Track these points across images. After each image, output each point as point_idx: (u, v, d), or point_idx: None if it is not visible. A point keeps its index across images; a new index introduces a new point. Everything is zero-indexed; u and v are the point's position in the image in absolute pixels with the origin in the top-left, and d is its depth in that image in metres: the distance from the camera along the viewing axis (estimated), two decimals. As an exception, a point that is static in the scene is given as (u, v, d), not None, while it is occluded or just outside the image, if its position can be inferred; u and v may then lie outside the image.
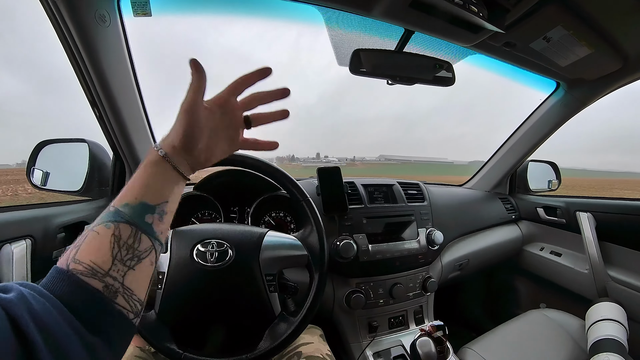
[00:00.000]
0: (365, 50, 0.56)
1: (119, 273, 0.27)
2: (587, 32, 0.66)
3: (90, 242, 0.28)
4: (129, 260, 0.28)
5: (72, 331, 0.23)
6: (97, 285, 0.26)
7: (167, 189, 0.33)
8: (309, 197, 0.53)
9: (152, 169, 0.32)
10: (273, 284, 0.50)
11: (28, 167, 0.71)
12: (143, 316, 0.47)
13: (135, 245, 0.29)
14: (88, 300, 0.25)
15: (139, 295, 0.29)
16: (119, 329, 0.27)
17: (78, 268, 0.26)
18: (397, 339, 0.80)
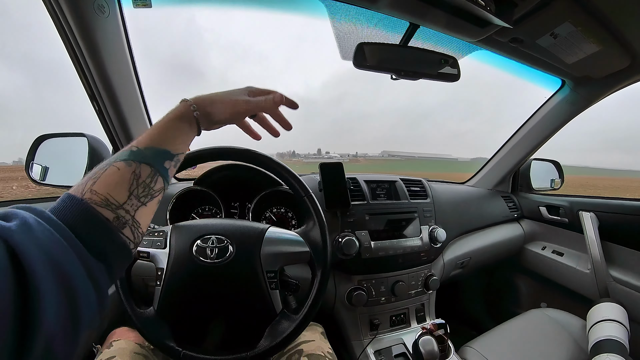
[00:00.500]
0: (369, 44, 0.55)
1: (132, 207, 0.30)
2: (595, 28, 0.65)
3: (109, 175, 0.29)
4: (144, 197, 0.31)
5: (77, 256, 0.24)
6: (109, 215, 0.28)
7: (187, 142, 0.37)
8: (311, 193, 0.52)
9: (182, 123, 0.36)
10: (274, 281, 0.49)
11: (27, 161, 0.71)
12: (142, 313, 0.46)
13: (151, 185, 0.32)
14: (97, 228, 0.27)
15: (143, 228, 0.32)
16: (120, 257, 0.29)
17: (93, 198, 0.28)
18: (398, 337, 0.79)
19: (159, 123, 0.35)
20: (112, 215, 0.28)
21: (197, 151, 0.52)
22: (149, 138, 0.33)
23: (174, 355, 0.45)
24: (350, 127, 41.69)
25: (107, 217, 0.28)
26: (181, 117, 0.36)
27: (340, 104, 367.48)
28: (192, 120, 0.37)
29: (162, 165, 0.33)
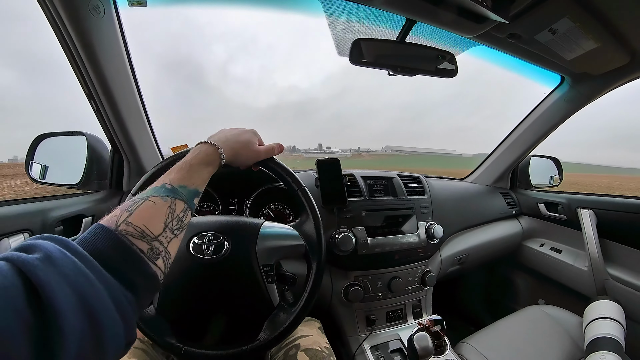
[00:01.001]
0: (365, 40, 0.55)
1: (166, 239, 0.32)
2: (594, 25, 0.65)
3: (145, 209, 0.31)
4: (177, 229, 0.33)
5: (105, 290, 0.24)
6: (144, 247, 0.29)
7: (207, 181, 0.41)
8: (304, 186, 0.52)
9: (209, 167, 0.41)
10: (271, 275, 0.50)
11: (27, 160, 0.71)
12: (142, 311, 0.47)
13: (183, 219, 0.35)
14: (130, 259, 0.28)
15: (173, 258, 0.34)
16: (150, 287, 0.29)
17: (129, 229, 0.29)
18: (394, 332, 0.80)
19: (190, 163, 0.39)
20: (146, 246, 0.29)
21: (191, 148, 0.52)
22: (181, 177, 0.37)
23: (176, 352, 0.46)
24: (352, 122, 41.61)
25: (142, 249, 0.29)
26: (209, 163, 0.41)
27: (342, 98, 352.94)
28: (218, 165, 0.43)
29: (192, 202, 0.37)
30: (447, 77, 0.62)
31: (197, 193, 0.38)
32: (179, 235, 0.34)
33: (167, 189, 0.35)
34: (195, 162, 0.40)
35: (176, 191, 0.35)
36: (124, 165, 0.82)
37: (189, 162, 0.39)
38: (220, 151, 0.42)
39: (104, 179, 0.81)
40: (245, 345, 0.46)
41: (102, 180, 0.81)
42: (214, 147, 0.42)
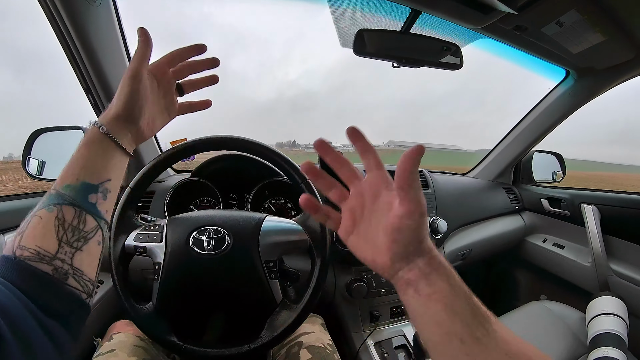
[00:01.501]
0: (369, 31, 0.54)
1: (66, 255, 0.28)
2: (602, 18, 0.64)
3: (34, 227, 0.28)
4: (76, 241, 0.28)
5: (31, 316, 0.23)
6: (47, 269, 0.26)
7: (109, 166, 0.33)
8: (308, 180, 0.51)
9: (93, 147, 0.32)
10: (273, 271, 0.49)
11: (23, 156, 0.70)
12: (141, 309, 0.46)
13: (80, 226, 0.29)
14: (40, 285, 0.26)
15: (89, 275, 0.29)
16: (73, 310, 0.27)
17: (24, 254, 0.26)
18: (398, 328, 0.79)
19: (75, 153, 0.32)
20: (49, 267, 0.26)
21: (192, 142, 0.51)
22: (66, 174, 0.30)
23: (176, 350, 0.45)
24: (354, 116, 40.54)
25: (46, 271, 0.26)
26: (87, 142, 0.32)
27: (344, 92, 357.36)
28: (104, 139, 0.32)
29: (86, 202, 0.30)
30: (453, 69, 0.61)
31: (87, 188, 0.30)
32: (83, 247, 0.29)
33: (52, 196, 0.29)
34: (75, 151, 0.32)
35: (60, 195, 0.29)
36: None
37: (71, 155, 0.32)
38: (97, 124, 0.33)
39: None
40: (247, 343, 0.46)
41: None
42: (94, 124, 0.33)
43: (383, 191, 0.28)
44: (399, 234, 0.26)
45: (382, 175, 0.29)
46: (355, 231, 0.30)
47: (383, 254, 0.27)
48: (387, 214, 0.27)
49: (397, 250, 0.26)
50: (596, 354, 0.68)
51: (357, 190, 0.30)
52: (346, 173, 0.30)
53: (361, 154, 0.29)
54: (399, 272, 0.27)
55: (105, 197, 0.32)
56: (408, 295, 0.26)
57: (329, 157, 0.30)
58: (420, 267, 0.26)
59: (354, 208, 0.30)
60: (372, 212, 0.28)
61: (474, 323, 0.24)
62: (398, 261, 0.27)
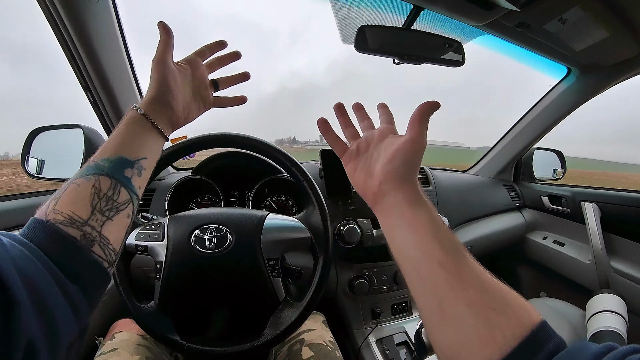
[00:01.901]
0: (371, 27, 0.53)
1: (97, 222, 0.28)
2: (606, 14, 0.63)
3: (70, 193, 0.29)
4: (108, 210, 0.30)
5: (52, 278, 0.24)
6: (75, 234, 0.27)
7: (145, 145, 0.35)
8: (310, 177, 0.51)
9: (131, 127, 0.34)
10: (276, 269, 0.48)
11: (22, 155, 0.70)
12: (143, 308, 0.46)
13: (114, 197, 0.30)
14: (66, 248, 0.26)
15: (114, 245, 0.30)
16: (95, 277, 0.28)
17: (57, 218, 0.27)
18: (400, 325, 0.80)
19: (115, 130, 0.34)
20: (78, 233, 0.27)
21: (192, 139, 0.50)
22: (105, 148, 0.32)
23: (178, 349, 0.45)
24: None
25: (74, 236, 0.27)
26: (128, 121, 0.34)
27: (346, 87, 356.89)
28: (140, 119, 0.35)
29: (122, 175, 0.31)
30: (454, 66, 0.60)
31: (124, 162, 0.32)
32: (114, 217, 0.30)
33: (90, 167, 0.30)
34: (117, 128, 0.34)
35: (99, 167, 0.30)
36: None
37: (113, 132, 0.34)
38: (134, 106, 0.35)
39: (102, 171, 0.80)
40: (250, 342, 0.45)
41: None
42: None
43: (390, 134, 0.34)
44: (397, 153, 0.30)
45: (391, 128, 0.35)
46: (356, 160, 0.35)
47: (374, 178, 0.31)
48: (391, 146, 0.31)
49: (388, 170, 0.30)
50: (596, 351, 0.68)
51: (369, 133, 0.36)
52: (366, 124, 0.37)
53: (382, 115, 0.37)
54: (385, 196, 0.30)
55: (140, 174, 0.33)
56: (392, 218, 0.29)
57: (359, 112, 0.38)
58: (406, 193, 0.29)
59: (361, 143, 0.35)
60: (376, 148, 0.33)
61: (453, 252, 0.25)
62: (387, 183, 0.30)
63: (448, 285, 0.24)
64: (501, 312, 0.22)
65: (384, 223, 0.31)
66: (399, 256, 0.29)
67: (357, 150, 0.35)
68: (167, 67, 0.37)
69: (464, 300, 0.23)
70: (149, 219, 0.53)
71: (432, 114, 0.31)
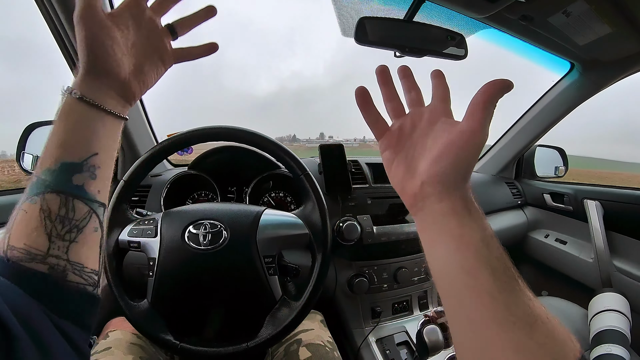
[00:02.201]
0: (371, 19, 0.52)
1: (60, 250, 0.24)
2: (610, 8, 0.62)
3: (20, 223, 0.24)
4: (68, 233, 0.25)
5: (46, 316, 0.22)
6: (42, 268, 0.24)
7: (94, 138, 0.27)
8: (309, 171, 0.50)
9: (69, 119, 0.26)
10: (272, 266, 0.47)
11: (18, 151, 0.69)
12: (136, 306, 0.44)
13: (69, 215, 0.25)
14: (39, 286, 0.23)
15: (90, 267, 0.26)
16: (82, 305, 0.26)
17: (15, 254, 0.23)
18: (400, 325, 0.78)
19: (51, 129, 0.27)
20: (44, 267, 0.24)
21: (186, 133, 0.49)
22: (44, 157, 0.25)
23: (172, 349, 0.44)
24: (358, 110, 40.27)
25: (42, 271, 0.24)
26: (63, 112, 0.26)
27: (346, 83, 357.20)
28: (79, 105, 0.26)
29: (71, 185, 0.25)
30: (457, 60, 0.59)
31: (69, 167, 0.25)
32: (77, 238, 0.25)
33: (33, 184, 0.25)
34: (54, 123, 0.27)
35: (40, 183, 0.25)
36: (118, 154, 0.79)
37: None
38: (67, 89, 0.27)
39: (98, 167, 0.79)
40: (245, 342, 0.44)
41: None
42: None
43: (442, 118, 0.27)
44: (450, 149, 0.23)
45: (445, 106, 0.28)
46: (397, 147, 0.28)
47: (416, 177, 0.25)
48: (442, 136, 0.25)
49: (435, 170, 0.24)
50: (599, 351, 0.67)
51: (416, 113, 0.29)
52: (413, 97, 0.30)
53: (435, 87, 0.29)
54: (427, 201, 0.24)
55: (94, 176, 0.26)
56: (434, 231, 0.24)
57: (406, 79, 0.30)
58: (455, 202, 0.23)
59: (405, 125, 0.28)
60: (423, 135, 0.27)
61: (507, 282, 0.21)
62: (432, 186, 0.24)
63: (496, 324, 0.19)
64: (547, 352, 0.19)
65: (424, 236, 0.25)
66: (438, 278, 0.24)
67: (400, 133, 0.28)
68: (97, 20, 0.26)
69: (511, 344, 0.19)
70: (143, 215, 0.52)
71: (501, 97, 0.23)
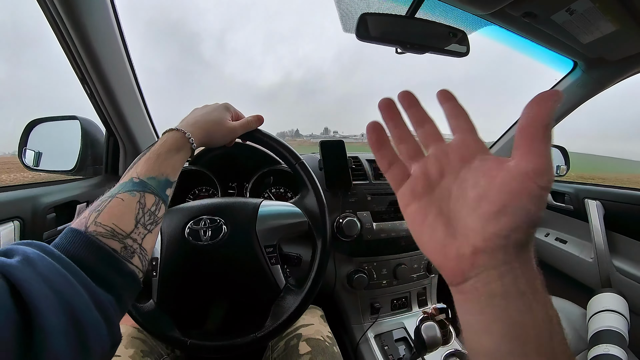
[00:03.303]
0: (372, 15, 0.52)
1: (139, 235, 0.30)
2: (614, 6, 0.61)
3: (113, 206, 0.30)
4: (150, 224, 0.32)
5: (84, 290, 0.24)
6: (116, 246, 0.28)
7: (181, 167, 0.39)
8: (303, 160, 0.50)
9: (179, 154, 0.38)
10: (274, 256, 0.47)
11: (19, 147, 0.70)
12: (142, 307, 0.45)
13: (156, 212, 0.33)
14: (104, 260, 0.27)
15: (149, 255, 0.32)
16: (129, 287, 0.29)
17: (98, 230, 0.28)
18: (399, 321, 0.79)
19: (157, 152, 0.37)
20: (119, 245, 0.29)
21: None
22: (149, 168, 0.35)
23: (181, 346, 0.44)
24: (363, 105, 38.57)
25: (114, 248, 0.28)
26: (179, 149, 0.38)
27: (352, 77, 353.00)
28: (189, 151, 0.40)
29: (164, 193, 0.35)
30: (459, 57, 0.59)
31: (168, 183, 0.36)
32: (153, 230, 0.32)
33: (135, 183, 0.33)
34: (163, 150, 0.37)
35: (145, 184, 0.33)
36: (119, 148, 0.79)
37: (156, 151, 0.37)
38: (188, 136, 0.39)
39: (100, 164, 0.79)
40: (254, 332, 0.44)
41: (98, 165, 0.79)
42: (181, 132, 0.39)
43: (478, 155, 0.20)
44: (511, 201, 0.17)
45: (476, 139, 0.21)
46: (426, 199, 0.21)
47: (463, 239, 0.18)
48: (490, 180, 0.18)
49: (493, 231, 0.17)
50: (597, 351, 0.67)
51: (440, 151, 0.22)
52: (429, 132, 0.23)
53: (451, 116, 0.22)
54: (482, 276, 0.18)
55: (172, 191, 0.37)
56: (485, 319, 0.18)
57: (412, 110, 0.23)
58: (518, 276, 0.17)
59: (430, 170, 0.22)
60: (458, 179, 0.20)
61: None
62: (487, 253, 0.17)
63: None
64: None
65: (469, 319, 0.19)
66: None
67: (425, 181, 0.22)
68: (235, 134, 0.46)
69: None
70: None
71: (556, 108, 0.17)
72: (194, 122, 0.42)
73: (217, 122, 0.43)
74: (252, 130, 0.48)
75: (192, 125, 0.41)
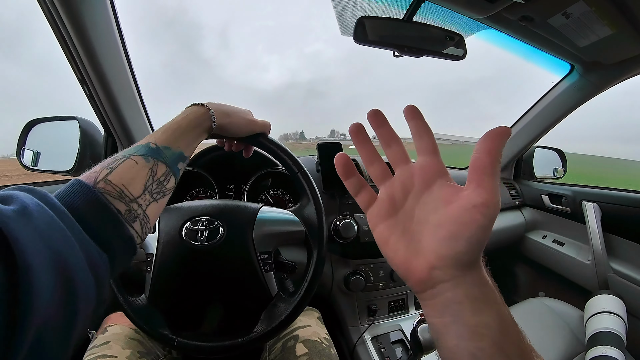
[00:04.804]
0: (370, 18, 0.52)
1: (144, 202, 0.30)
2: (610, 10, 0.62)
3: (126, 168, 0.30)
4: (157, 194, 0.32)
5: (79, 246, 0.23)
6: (122, 207, 0.28)
7: (197, 145, 0.39)
8: (305, 169, 0.50)
9: (199, 130, 0.38)
10: (268, 263, 0.47)
11: (18, 147, 0.70)
12: (133, 301, 0.45)
13: (165, 183, 0.33)
14: (107, 219, 0.26)
15: (151, 224, 0.32)
16: (125, 251, 0.28)
17: (107, 188, 0.28)
18: (396, 323, 0.79)
19: (178, 124, 0.36)
20: (124, 207, 0.28)
21: None
22: (167, 138, 0.34)
23: (169, 343, 0.44)
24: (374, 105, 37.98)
25: (119, 209, 0.28)
26: (200, 125, 0.38)
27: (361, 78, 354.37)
28: (209, 129, 0.39)
29: (176, 166, 0.35)
30: (455, 60, 0.59)
31: (182, 157, 0.35)
32: (159, 200, 0.32)
33: (151, 149, 0.33)
34: (184, 123, 0.36)
35: (160, 152, 0.33)
36: (117, 149, 0.80)
37: (178, 122, 0.36)
38: (212, 113, 0.39)
39: (98, 163, 0.79)
40: (242, 336, 0.44)
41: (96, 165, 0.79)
42: (206, 108, 0.39)
43: (438, 180, 0.23)
44: (462, 228, 0.20)
45: (437, 161, 0.24)
46: (392, 221, 0.24)
47: (421, 258, 0.22)
48: (446, 206, 0.21)
49: (447, 253, 0.20)
50: (594, 353, 0.67)
51: (405, 174, 0.25)
52: (395, 153, 0.25)
53: (415, 134, 0.24)
54: (438, 287, 0.21)
55: (184, 166, 0.37)
56: (446, 317, 0.21)
57: (381, 130, 0.26)
58: (469, 287, 0.20)
59: (396, 193, 0.24)
60: (419, 203, 0.23)
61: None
62: (441, 269, 0.21)
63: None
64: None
65: (433, 321, 0.22)
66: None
67: (390, 204, 0.25)
68: None
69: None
70: None
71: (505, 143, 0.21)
72: (218, 105, 0.41)
73: (240, 111, 0.44)
74: (258, 133, 0.47)
75: (217, 107, 0.40)
